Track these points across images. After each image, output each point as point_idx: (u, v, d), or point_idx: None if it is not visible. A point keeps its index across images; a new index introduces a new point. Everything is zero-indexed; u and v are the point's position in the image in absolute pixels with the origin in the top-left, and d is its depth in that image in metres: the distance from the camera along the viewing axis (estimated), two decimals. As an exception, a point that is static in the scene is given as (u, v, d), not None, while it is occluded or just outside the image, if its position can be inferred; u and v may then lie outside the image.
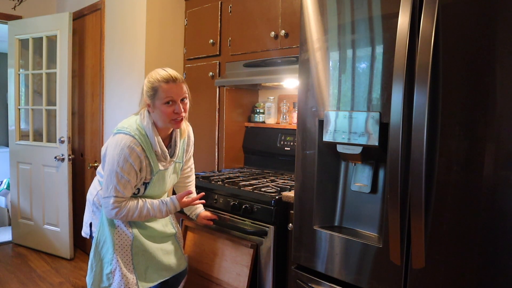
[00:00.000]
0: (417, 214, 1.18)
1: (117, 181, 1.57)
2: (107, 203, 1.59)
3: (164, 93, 1.57)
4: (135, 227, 1.73)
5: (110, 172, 1.58)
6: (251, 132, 2.76)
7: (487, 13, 1.09)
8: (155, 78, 1.59)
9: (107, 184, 1.59)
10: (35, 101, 3.64)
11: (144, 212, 1.64)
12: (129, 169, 1.57)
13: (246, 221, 1.96)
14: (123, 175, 1.56)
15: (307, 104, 1.55)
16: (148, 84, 1.60)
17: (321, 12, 1.49)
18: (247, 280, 1.89)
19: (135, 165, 1.58)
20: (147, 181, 1.67)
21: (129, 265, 1.71)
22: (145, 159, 1.61)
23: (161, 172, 1.69)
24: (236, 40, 2.56)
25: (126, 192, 1.60)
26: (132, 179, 1.59)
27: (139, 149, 1.58)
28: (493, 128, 1.08)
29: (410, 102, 1.19)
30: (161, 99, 1.57)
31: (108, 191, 1.58)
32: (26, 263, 3.34)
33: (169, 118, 1.59)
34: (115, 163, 1.56)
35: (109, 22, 3.21)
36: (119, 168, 1.56)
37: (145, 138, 1.61)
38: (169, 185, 1.81)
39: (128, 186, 1.60)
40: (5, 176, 4.53)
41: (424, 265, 1.21)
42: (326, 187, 1.55)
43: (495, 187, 1.08)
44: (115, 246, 1.68)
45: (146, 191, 1.70)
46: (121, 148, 1.56)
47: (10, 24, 3.61)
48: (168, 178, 1.76)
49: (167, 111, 1.58)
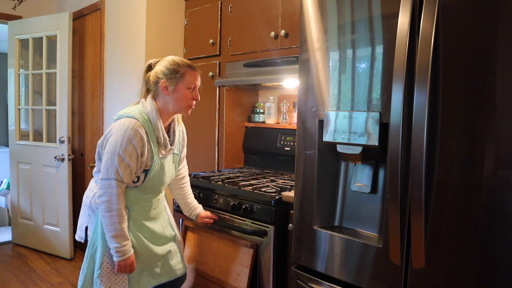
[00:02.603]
0: (417, 214, 1.18)
1: (118, 163, 1.54)
2: (108, 184, 1.55)
3: (191, 78, 1.65)
4: (132, 229, 1.67)
5: (111, 154, 1.55)
6: (251, 132, 2.76)
7: (487, 13, 1.09)
8: (179, 62, 1.65)
9: (107, 166, 1.56)
10: (35, 101, 3.64)
11: (123, 225, 1.57)
12: (131, 152, 1.55)
13: (246, 221, 1.96)
14: (124, 157, 1.54)
15: (307, 104, 1.55)
16: (171, 67, 1.63)
17: (321, 12, 1.49)
18: (247, 280, 1.89)
19: (137, 148, 1.56)
20: (147, 168, 1.64)
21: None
22: (147, 143, 1.60)
23: (161, 159, 1.68)
24: (236, 40, 2.56)
25: (125, 177, 1.56)
26: (132, 164, 1.56)
27: (143, 131, 1.58)
28: (493, 128, 1.08)
29: (410, 102, 1.19)
30: (187, 83, 1.64)
31: (108, 173, 1.55)
32: (26, 263, 3.34)
33: (187, 102, 1.66)
34: (118, 145, 1.54)
35: (109, 22, 3.21)
36: (122, 150, 1.54)
37: (148, 122, 1.62)
38: (168, 177, 1.75)
39: (127, 171, 1.56)
40: (5, 176, 4.53)
41: (424, 265, 1.21)
42: (326, 187, 1.55)
43: (495, 187, 1.08)
44: (106, 248, 1.64)
45: (145, 179, 1.65)
46: (124, 129, 1.55)
47: (10, 24, 3.61)
48: (167, 168, 1.72)
49: (188, 95, 1.65)
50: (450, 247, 1.17)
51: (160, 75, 1.64)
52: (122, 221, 1.57)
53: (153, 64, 1.70)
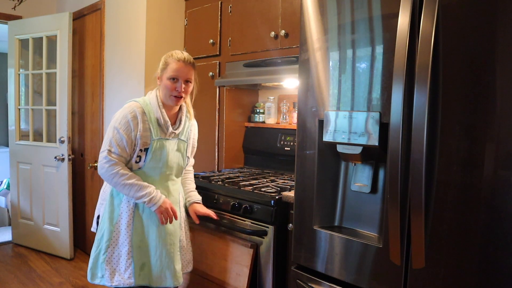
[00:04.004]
0: (417, 214, 1.18)
1: (112, 135, 1.70)
2: (101, 156, 1.71)
3: (171, 69, 1.73)
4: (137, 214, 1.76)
5: (109, 128, 1.73)
6: (251, 132, 2.76)
7: (487, 13, 1.09)
8: (170, 55, 1.77)
9: (105, 139, 1.74)
10: (35, 101, 3.64)
11: (132, 180, 1.69)
12: (125, 126, 1.70)
13: (246, 221, 1.96)
14: (118, 131, 1.70)
15: (307, 104, 1.55)
16: (163, 59, 1.78)
17: (321, 12, 1.49)
18: (247, 280, 1.89)
19: (132, 123, 1.70)
20: (146, 146, 1.73)
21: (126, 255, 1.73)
22: (144, 123, 1.72)
23: (161, 141, 1.76)
24: (236, 40, 2.56)
25: (120, 149, 1.70)
26: (125, 137, 1.69)
27: (139, 110, 1.72)
28: (493, 128, 1.08)
29: (410, 102, 1.19)
30: (167, 73, 1.74)
31: (104, 145, 1.72)
32: (26, 263, 3.34)
33: (169, 92, 1.74)
34: (116, 121, 1.72)
35: (109, 22, 3.21)
36: (117, 124, 1.71)
37: (148, 105, 1.76)
38: (172, 160, 1.80)
39: (120, 144, 1.69)
40: (5, 176, 4.53)
41: (424, 265, 1.21)
42: (326, 187, 1.55)
43: (495, 187, 1.08)
44: (113, 234, 1.75)
45: (146, 158, 1.74)
46: (123, 109, 1.75)
47: (10, 24, 3.61)
48: (170, 151, 1.78)
49: (169, 86, 1.73)
50: (450, 247, 1.17)
51: (158, 68, 1.81)
52: (129, 177, 1.69)
53: None
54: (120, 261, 1.74)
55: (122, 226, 1.74)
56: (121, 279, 1.72)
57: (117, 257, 1.75)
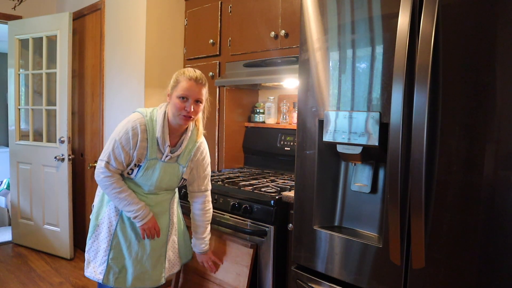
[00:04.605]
0: (417, 214, 1.18)
1: (112, 149, 1.69)
2: (99, 165, 1.71)
3: (181, 88, 1.67)
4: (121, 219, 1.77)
5: (111, 139, 1.71)
6: (251, 132, 2.76)
7: (487, 13, 1.09)
8: (182, 72, 1.71)
9: (105, 149, 1.72)
10: (35, 101, 3.63)
11: (123, 195, 1.70)
12: (125, 142, 1.67)
13: (246, 221, 1.96)
14: (118, 146, 1.68)
15: (307, 104, 1.55)
16: (174, 76, 1.72)
17: (321, 12, 1.49)
18: (247, 280, 1.89)
19: (131, 140, 1.67)
20: (140, 163, 1.72)
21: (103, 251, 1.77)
22: (143, 141, 1.69)
23: (155, 161, 1.71)
24: (236, 40, 2.56)
25: (116, 163, 1.68)
26: (123, 153, 1.68)
27: (142, 128, 1.68)
28: (493, 128, 1.08)
29: (410, 102, 1.19)
30: (177, 92, 1.67)
31: (104, 155, 1.71)
32: (26, 263, 3.34)
33: (178, 111, 1.67)
34: (117, 133, 1.70)
35: (109, 22, 3.21)
36: (118, 138, 1.68)
37: (153, 122, 1.71)
38: (161, 181, 1.75)
39: (119, 158, 1.68)
40: (5, 176, 4.53)
41: (424, 265, 1.21)
42: (326, 187, 1.55)
43: (495, 187, 1.08)
44: (96, 227, 1.80)
45: (137, 174, 1.73)
46: (127, 121, 1.71)
47: (10, 24, 3.61)
48: (162, 172, 1.73)
49: (179, 105, 1.66)
50: (450, 247, 1.17)
51: (169, 85, 1.74)
52: (121, 192, 1.69)
53: None
54: (98, 255, 1.80)
55: (105, 224, 1.78)
56: (93, 271, 1.79)
57: (95, 251, 1.81)
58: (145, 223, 1.73)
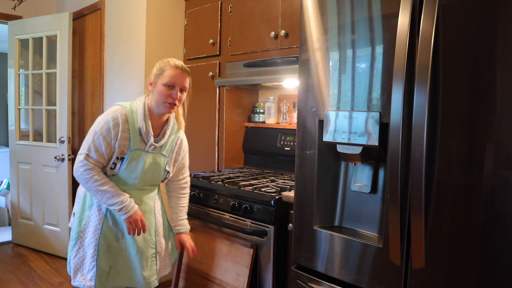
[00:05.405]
0: (417, 214, 1.18)
1: (92, 140, 1.66)
2: (78, 159, 1.67)
3: (168, 75, 1.69)
4: (108, 216, 1.73)
5: (90, 132, 1.69)
6: (251, 132, 2.76)
7: (487, 13, 1.09)
8: (166, 62, 1.73)
9: (84, 142, 1.69)
10: (35, 101, 3.64)
11: (105, 187, 1.65)
12: (106, 132, 1.66)
13: (246, 221, 1.96)
14: (99, 136, 1.66)
15: (307, 104, 1.55)
16: (158, 65, 1.73)
17: (321, 12, 1.49)
18: (247, 280, 1.89)
19: (112, 130, 1.66)
20: (123, 155, 1.69)
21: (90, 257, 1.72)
22: (125, 131, 1.68)
23: (139, 152, 1.70)
24: (236, 40, 2.56)
25: (97, 155, 1.65)
26: (104, 143, 1.65)
27: (123, 118, 1.68)
28: (493, 128, 1.08)
29: (410, 102, 1.19)
30: (163, 79, 1.69)
31: (83, 148, 1.68)
32: (26, 263, 3.34)
33: (164, 99, 1.69)
34: (97, 125, 1.68)
35: (109, 22, 3.21)
36: (98, 129, 1.67)
37: (132, 113, 1.72)
38: (146, 173, 1.74)
39: (99, 150, 1.65)
40: (5, 176, 4.53)
41: (424, 265, 1.21)
42: (326, 187, 1.55)
43: (495, 187, 1.08)
44: (80, 234, 1.74)
45: (120, 168, 1.69)
46: (107, 113, 1.71)
47: (10, 24, 3.61)
48: (146, 164, 1.72)
49: (164, 92, 1.68)
50: (450, 247, 1.17)
51: (152, 73, 1.75)
52: (102, 184, 1.65)
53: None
54: (84, 262, 1.74)
55: (89, 229, 1.73)
56: (82, 280, 1.73)
57: (81, 258, 1.75)
58: (131, 215, 1.67)
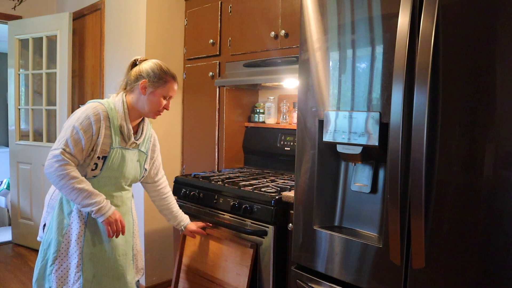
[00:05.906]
0: (417, 214, 1.18)
1: (70, 135, 1.54)
2: (53, 154, 1.54)
3: (170, 89, 1.70)
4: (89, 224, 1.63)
5: (67, 127, 1.57)
6: (251, 132, 2.76)
7: (487, 13, 1.09)
8: (166, 70, 1.69)
9: (60, 138, 1.57)
10: (35, 101, 3.64)
11: (82, 185, 1.54)
12: (86, 127, 1.56)
13: (246, 221, 1.96)
14: (78, 131, 1.55)
15: (307, 104, 1.55)
16: (157, 72, 1.67)
17: (321, 12, 1.49)
18: (247, 280, 1.89)
19: (94, 125, 1.57)
20: (105, 154, 1.61)
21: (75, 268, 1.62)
22: (106, 129, 1.61)
23: (121, 150, 1.65)
24: (236, 40, 2.56)
25: (76, 150, 1.54)
26: (84, 139, 1.55)
27: (104, 114, 1.61)
28: (493, 128, 1.08)
29: (410, 102, 1.19)
30: (164, 91, 1.68)
31: (59, 143, 1.55)
32: (26, 263, 3.34)
33: (157, 109, 1.69)
34: (76, 120, 1.57)
35: (109, 22, 3.21)
36: (78, 123, 1.56)
37: (112, 110, 1.65)
38: (129, 172, 1.71)
39: (78, 146, 1.55)
40: (5, 176, 4.53)
41: (424, 265, 1.21)
42: (326, 187, 1.55)
43: (495, 187, 1.08)
44: (61, 244, 1.62)
45: (103, 167, 1.62)
46: (86, 108, 1.61)
47: (10, 24, 3.61)
48: (129, 161, 1.69)
49: (161, 103, 1.68)
50: (450, 247, 1.17)
51: (144, 74, 1.67)
52: (79, 182, 1.53)
53: (139, 61, 1.74)
54: (69, 273, 1.62)
55: (72, 237, 1.62)
56: None
57: (65, 269, 1.62)
58: (110, 216, 1.57)
